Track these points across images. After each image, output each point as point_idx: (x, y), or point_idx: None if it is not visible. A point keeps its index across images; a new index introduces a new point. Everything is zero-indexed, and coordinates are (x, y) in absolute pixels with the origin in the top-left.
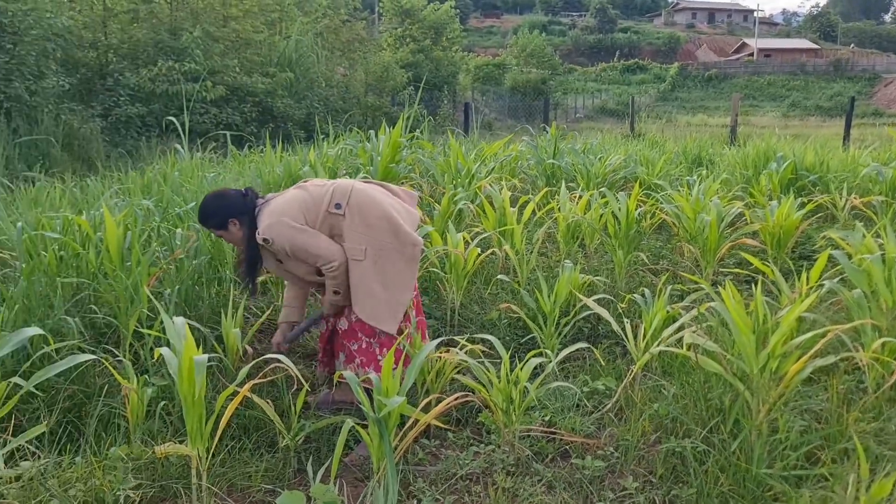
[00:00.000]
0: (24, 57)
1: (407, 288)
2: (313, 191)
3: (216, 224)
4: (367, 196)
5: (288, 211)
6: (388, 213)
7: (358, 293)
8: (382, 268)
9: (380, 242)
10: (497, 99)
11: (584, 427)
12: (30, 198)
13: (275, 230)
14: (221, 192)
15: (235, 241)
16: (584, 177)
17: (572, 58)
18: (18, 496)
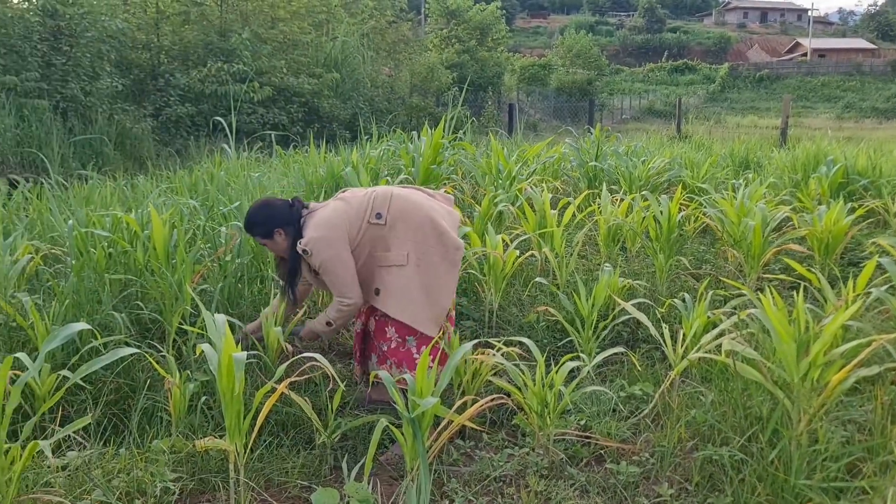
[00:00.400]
0: (80, 59)
1: (449, 291)
2: (354, 202)
3: (262, 233)
4: (408, 201)
5: (333, 225)
6: (430, 216)
7: (399, 298)
8: (425, 271)
9: (423, 246)
10: (542, 100)
11: (620, 432)
12: (83, 195)
13: (316, 246)
14: (268, 201)
15: (279, 250)
16: (627, 179)
17: (619, 58)
18: (64, 485)
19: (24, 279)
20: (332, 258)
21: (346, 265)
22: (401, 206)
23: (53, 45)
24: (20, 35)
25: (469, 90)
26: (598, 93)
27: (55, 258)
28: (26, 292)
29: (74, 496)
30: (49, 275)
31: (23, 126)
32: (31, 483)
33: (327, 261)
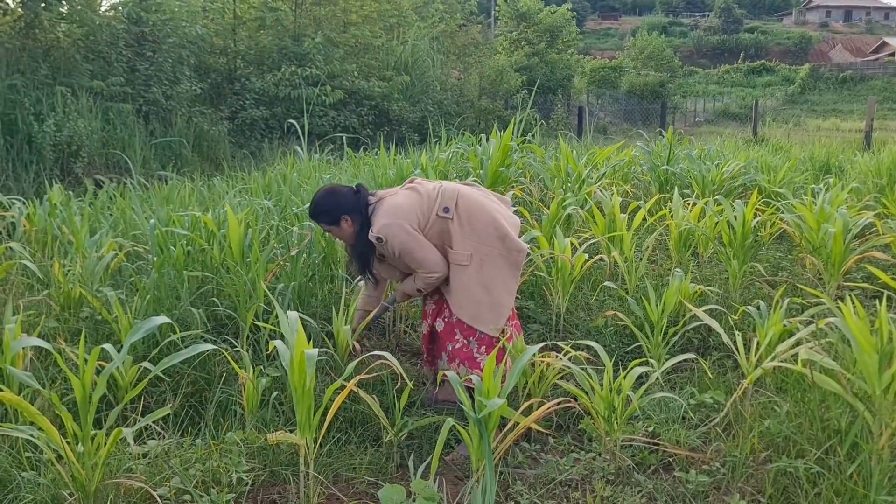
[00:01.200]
0: (162, 64)
1: (510, 293)
2: (424, 193)
3: (328, 220)
4: (474, 201)
5: (405, 213)
6: (495, 218)
7: (461, 297)
8: (488, 273)
9: (486, 248)
10: (612, 102)
11: (689, 440)
12: (163, 195)
13: (391, 231)
14: (334, 188)
15: (345, 237)
16: (700, 184)
17: (693, 59)
18: (145, 472)
19: (108, 275)
20: (408, 240)
21: (422, 244)
22: (467, 205)
23: (137, 50)
24: (107, 42)
25: (538, 93)
26: (671, 95)
27: (137, 255)
28: (110, 287)
29: (154, 482)
30: (131, 271)
31: (108, 129)
32: (115, 469)
33: (404, 243)
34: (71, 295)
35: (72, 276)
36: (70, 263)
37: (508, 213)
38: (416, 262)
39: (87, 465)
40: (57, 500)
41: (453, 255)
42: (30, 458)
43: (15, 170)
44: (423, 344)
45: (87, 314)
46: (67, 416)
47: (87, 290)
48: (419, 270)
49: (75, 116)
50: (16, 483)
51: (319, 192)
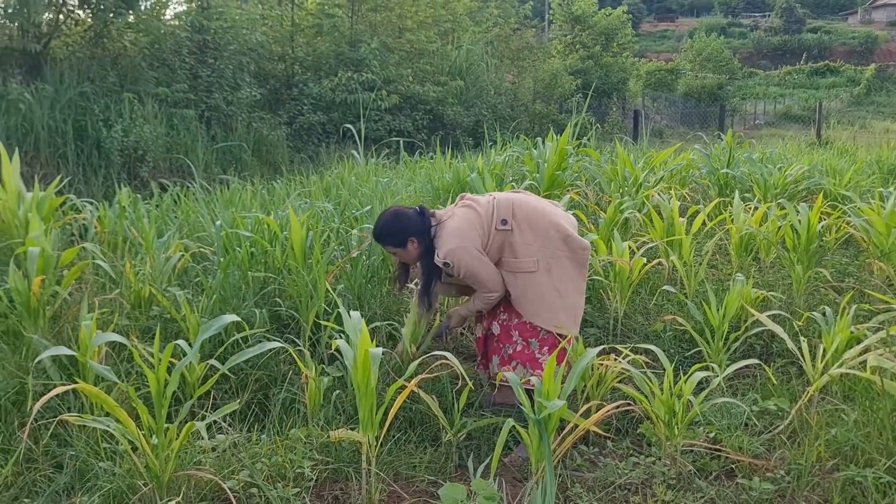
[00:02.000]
0: (223, 70)
1: (581, 292)
2: (480, 209)
3: (395, 243)
4: (531, 207)
5: (468, 235)
6: (555, 221)
7: (534, 303)
8: (557, 276)
9: (550, 251)
10: (669, 105)
11: (753, 447)
12: (225, 199)
13: (457, 255)
14: (399, 211)
15: (410, 259)
16: (761, 187)
17: (753, 61)
18: (214, 465)
19: (175, 275)
20: (473, 263)
21: (486, 266)
22: (525, 213)
23: (200, 58)
24: (171, 49)
25: (593, 96)
26: (730, 97)
27: (202, 256)
28: (178, 287)
29: (223, 475)
30: (197, 271)
31: (172, 134)
32: (186, 461)
33: (470, 266)
34: (141, 294)
35: (142, 276)
36: (140, 264)
37: (564, 213)
38: (479, 283)
39: (160, 457)
40: (132, 489)
41: (519, 263)
42: (106, 448)
43: (85, 174)
44: (477, 347)
45: (156, 313)
46: (143, 409)
47: (157, 289)
48: (481, 291)
49: (141, 122)
50: (93, 472)
51: (385, 215)
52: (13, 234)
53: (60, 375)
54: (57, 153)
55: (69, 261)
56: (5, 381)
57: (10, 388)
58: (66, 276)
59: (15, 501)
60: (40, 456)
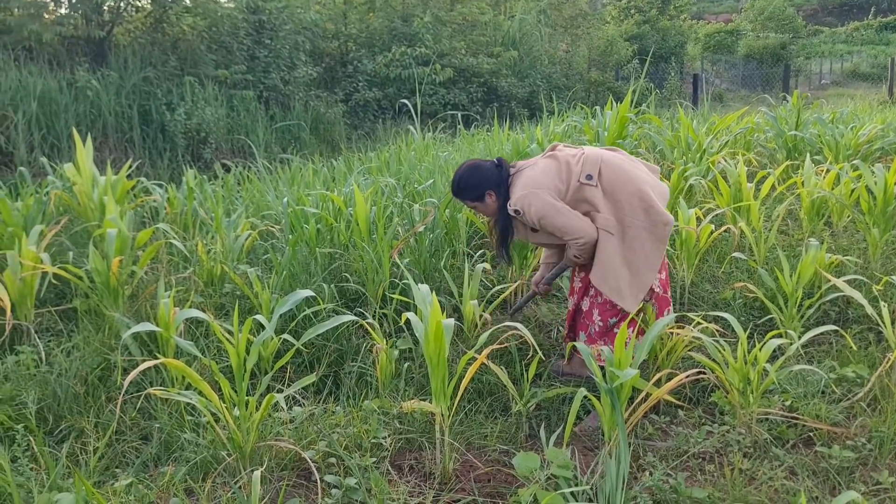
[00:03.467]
0: (280, 50)
1: (653, 268)
2: (563, 159)
3: (473, 196)
4: (619, 169)
5: (542, 182)
6: (640, 189)
7: (604, 268)
8: (630, 245)
9: (629, 219)
10: (729, 68)
11: (831, 415)
12: (288, 177)
13: (525, 202)
14: (476, 163)
15: (490, 212)
16: (833, 149)
17: (818, 18)
18: (293, 435)
19: (244, 253)
20: (544, 207)
21: (561, 210)
22: (612, 174)
23: (256, 38)
24: (228, 32)
25: (650, 62)
26: (793, 57)
27: (269, 234)
28: (247, 264)
29: (303, 445)
30: (265, 248)
31: (232, 115)
32: (266, 432)
33: (541, 211)
34: (213, 272)
35: (213, 255)
36: (210, 242)
37: (656, 181)
38: (558, 229)
39: (242, 428)
40: (217, 459)
41: (601, 218)
42: (190, 420)
43: (151, 157)
44: (567, 319)
45: (228, 290)
46: (225, 382)
47: (228, 267)
48: (565, 238)
49: (202, 105)
50: (179, 443)
51: (461, 168)
52: (89, 216)
53: (142, 352)
54: (124, 138)
55: (144, 241)
56: (90, 358)
57: (95, 365)
58: (143, 256)
59: (107, 471)
60: (128, 428)
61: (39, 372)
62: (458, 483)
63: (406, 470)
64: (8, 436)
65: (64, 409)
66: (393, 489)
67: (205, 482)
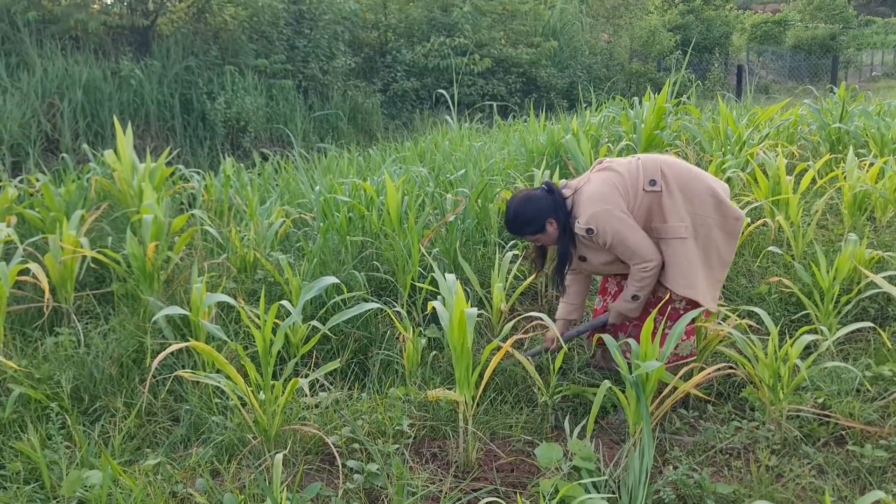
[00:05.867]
0: (319, 40)
1: (726, 264)
2: (622, 170)
3: (535, 230)
4: (682, 168)
5: (609, 197)
6: (709, 184)
7: (685, 273)
8: (704, 244)
9: (701, 217)
10: (776, 59)
11: (865, 413)
12: (323, 166)
13: (601, 220)
14: (527, 195)
15: (551, 241)
16: (878, 142)
17: (871, 8)
18: (317, 420)
19: (277, 240)
20: (620, 227)
21: (635, 229)
22: (676, 174)
23: (296, 28)
24: (269, 22)
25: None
26: (843, 48)
27: (302, 222)
28: (280, 252)
29: (326, 430)
30: (298, 236)
31: (271, 104)
32: (291, 416)
33: (617, 231)
34: (246, 259)
35: (247, 242)
36: (244, 230)
37: (716, 179)
38: (629, 250)
39: (268, 412)
40: (242, 442)
41: (668, 228)
42: (217, 403)
43: (191, 145)
44: (593, 317)
45: (260, 276)
46: (251, 366)
47: (261, 254)
48: (632, 262)
49: (242, 94)
50: (207, 425)
51: (514, 203)
52: (128, 203)
53: (175, 335)
54: (165, 126)
55: (180, 227)
56: (126, 341)
57: (130, 347)
58: (178, 242)
59: (137, 451)
60: (159, 409)
61: (77, 353)
62: (479, 472)
63: (428, 457)
64: (46, 414)
65: (99, 389)
66: (413, 476)
67: (230, 464)
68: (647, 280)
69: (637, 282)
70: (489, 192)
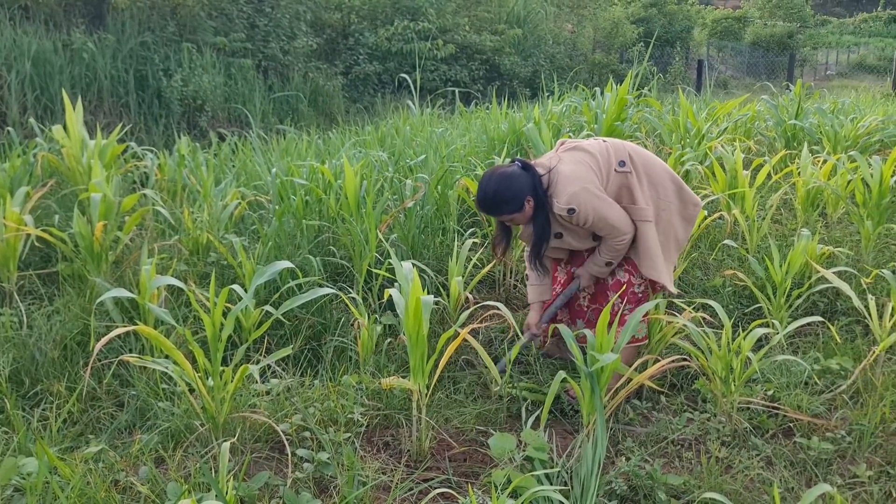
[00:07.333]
0: (280, 20)
1: (680, 247)
2: (594, 151)
3: (513, 209)
4: (646, 155)
5: (584, 175)
6: (670, 172)
7: (650, 254)
8: (665, 228)
9: (664, 202)
10: (735, 55)
11: (812, 406)
12: (282, 148)
13: (581, 199)
14: (506, 172)
15: (524, 221)
16: (831, 139)
17: (827, 8)
18: (268, 408)
19: (232, 222)
20: (601, 205)
21: (612, 205)
22: (641, 158)
23: (257, 7)
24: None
25: (655, 46)
26: (800, 47)
27: (258, 204)
28: (234, 234)
29: (277, 418)
30: (253, 219)
31: (230, 84)
32: (241, 403)
33: (598, 209)
34: (199, 241)
35: (200, 223)
36: (198, 211)
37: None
38: (609, 225)
39: (216, 399)
40: (189, 429)
41: (637, 210)
42: (164, 389)
43: (146, 123)
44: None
45: (213, 259)
46: (199, 351)
47: (214, 236)
48: (609, 236)
49: (200, 72)
50: (153, 411)
51: (492, 181)
52: (77, 180)
53: (123, 318)
54: (119, 102)
55: (130, 207)
56: (70, 323)
57: (74, 329)
58: (128, 222)
59: (80, 437)
60: (103, 395)
61: (18, 335)
62: (432, 462)
63: (380, 446)
64: None
65: (41, 373)
66: (364, 465)
67: (175, 452)
68: (621, 249)
69: (610, 251)
70: (449, 179)
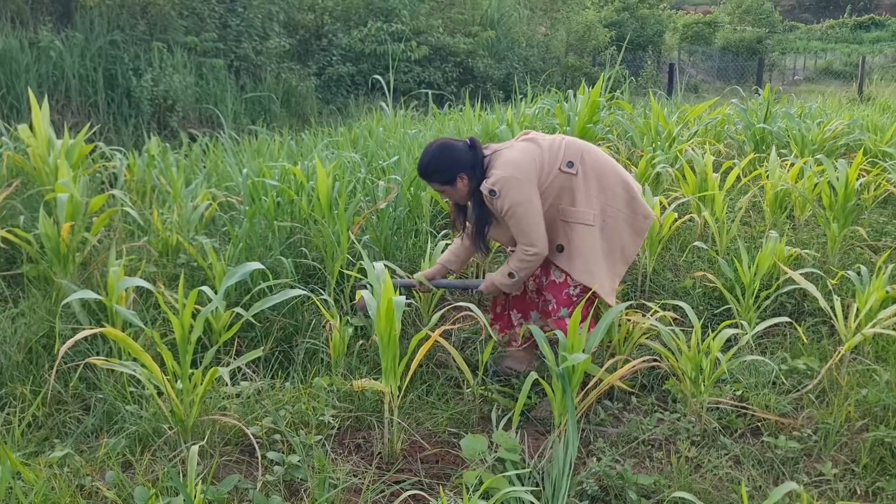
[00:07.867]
0: (252, 20)
1: (627, 261)
2: (545, 145)
3: (443, 179)
4: (602, 158)
5: (524, 167)
6: (625, 179)
7: (586, 260)
8: (610, 235)
9: (612, 209)
10: (705, 59)
11: (780, 406)
12: (253, 149)
13: (506, 185)
14: (447, 143)
15: (459, 197)
16: (799, 143)
17: (795, 14)
18: (238, 410)
19: (202, 224)
20: (522, 201)
21: (535, 210)
22: (595, 162)
23: (229, 6)
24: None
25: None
26: (769, 52)
27: (230, 206)
28: (205, 235)
29: (247, 421)
30: (224, 220)
31: (201, 84)
32: (210, 406)
33: (516, 204)
34: (168, 242)
35: (169, 224)
36: (168, 212)
37: (632, 178)
38: (520, 226)
39: (185, 402)
40: (157, 432)
41: (577, 213)
42: (133, 392)
43: (115, 123)
44: (492, 309)
45: (183, 260)
46: (168, 354)
47: (184, 237)
48: (519, 239)
49: (171, 72)
50: (120, 415)
51: (431, 148)
52: (43, 180)
53: (90, 321)
54: (88, 102)
55: (98, 208)
56: (35, 325)
57: (40, 332)
58: (95, 223)
59: (45, 441)
60: (69, 398)
61: None
62: (403, 463)
63: (352, 448)
64: None
65: (5, 376)
66: (335, 468)
67: (143, 456)
68: (527, 263)
69: (518, 261)
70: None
